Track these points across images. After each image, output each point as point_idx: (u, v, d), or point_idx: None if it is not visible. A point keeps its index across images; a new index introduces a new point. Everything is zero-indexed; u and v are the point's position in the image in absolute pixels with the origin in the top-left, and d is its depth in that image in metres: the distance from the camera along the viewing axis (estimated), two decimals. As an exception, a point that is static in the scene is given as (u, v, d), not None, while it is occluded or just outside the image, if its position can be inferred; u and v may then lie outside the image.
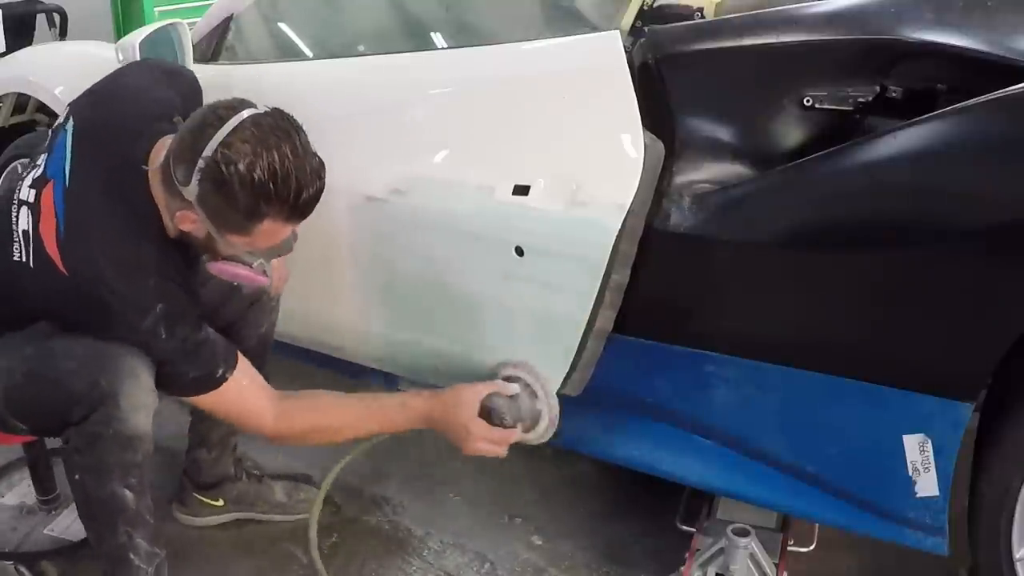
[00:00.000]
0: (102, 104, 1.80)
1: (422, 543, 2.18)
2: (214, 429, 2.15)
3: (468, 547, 2.17)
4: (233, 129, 1.54)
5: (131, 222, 1.67)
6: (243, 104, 1.59)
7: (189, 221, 1.63)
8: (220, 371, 1.72)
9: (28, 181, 1.74)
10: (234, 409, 1.79)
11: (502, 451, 1.89)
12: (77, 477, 1.67)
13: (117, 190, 1.67)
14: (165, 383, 1.70)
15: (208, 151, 1.54)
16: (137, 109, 1.77)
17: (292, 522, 2.22)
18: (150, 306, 1.64)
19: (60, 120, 1.81)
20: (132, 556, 1.71)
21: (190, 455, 2.20)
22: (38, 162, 1.76)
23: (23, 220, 1.70)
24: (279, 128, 1.57)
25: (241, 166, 1.52)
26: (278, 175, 1.53)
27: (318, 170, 1.61)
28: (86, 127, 1.74)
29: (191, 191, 1.57)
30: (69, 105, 1.82)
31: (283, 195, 1.55)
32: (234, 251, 1.71)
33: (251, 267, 1.81)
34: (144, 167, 1.67)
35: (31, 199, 1.71)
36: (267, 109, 1.60)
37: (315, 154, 1.61)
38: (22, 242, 1.69)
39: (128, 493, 1.67)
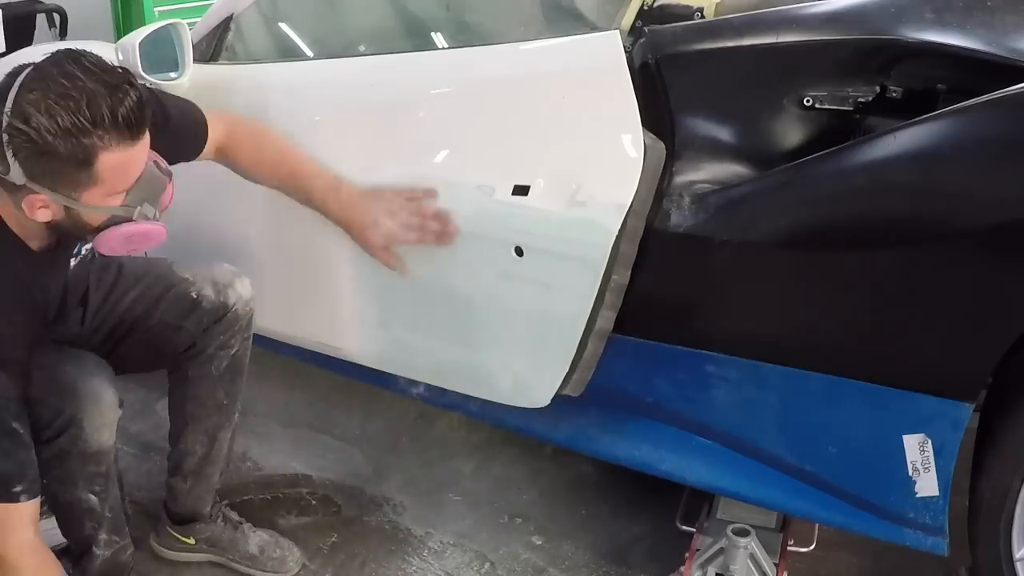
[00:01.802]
0: None
1: (422, 543, 2.18)
2: (187, 457, 2.05)
3: (468, 547, 2.17)
4: (17, 90, 1.43)
5: None
6: (23, 67, 1.47)
7: (39, 205, 1.50)
8: (17, 488, 1.55)
9: None
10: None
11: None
12: (46, 482, 1.70)
13: None
14: None
15: (5, 123, 1.43)
16: None
17: None
18: None
19: None
20: (94, 547, 1.83)
21: (168, 481, 2.12)
22: None
23: None
24: (61, 64, 1.45)
25: (41, 117, 1.41)
26: (81, 103, 1.42)
27: (124, 78, 1.48)
28: None
29: (16, 173, 1.46)
30: None
31: (98, 119, 1.43)
32: (103, 212, 1.56)
33: (135, 220, 1.60)
34: None
35: None
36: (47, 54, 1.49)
37: (115, 67, 1.49)
38: None
39: (93, 498, 1.78)
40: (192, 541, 2.12)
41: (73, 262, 1.81)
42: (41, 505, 1.65)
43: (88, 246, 1.80)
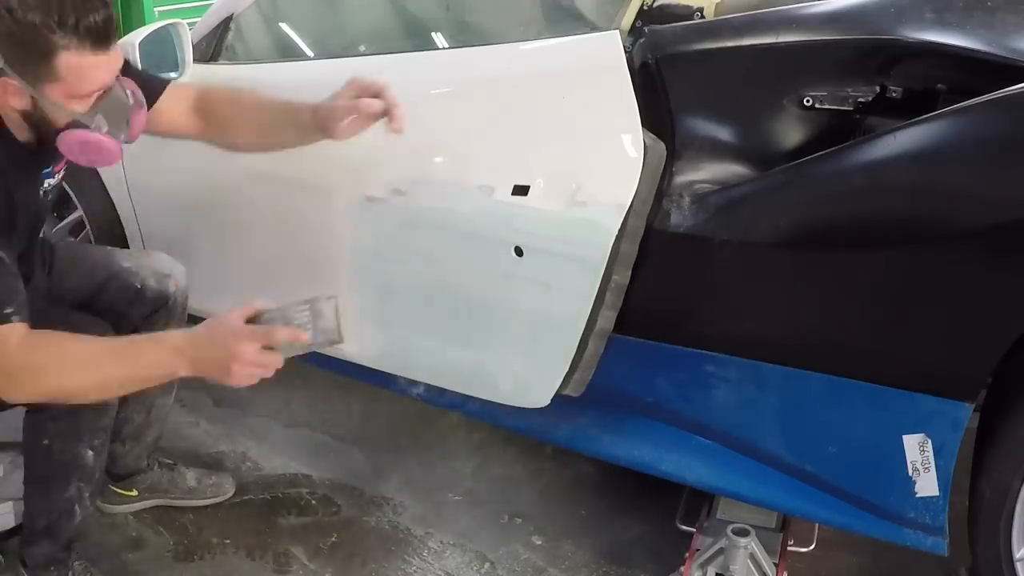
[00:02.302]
0: None
1: (422, 543, 2.18)
2: (127, 423, 2.17)
3: (468, 547, 2.17)
4: None
5: None
6: None
7: (11, 91, 1.59)
8: (8, 310, 1.57)
9: None
10: None
11: (270, 369, 1.57)
12: (46, 442, 1.80)
13: None
14: None
15: None
16: None
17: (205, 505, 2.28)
18: None
19: None
20: (77, 507, 1.90)
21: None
22: None
23: None
24: None
25: (16, 4, 1.51)
26: (53, 2, 1.51)
27: None
28: None
29: None
30: None
31: (64, 19, 1.52)
32: (64, 114, 1.62)
33: (90, 129, 1.65)
34: None
35: None
36: None
37: None
38: None
39: (90, 452, 1.87)
40: (135, 492, 2.26)
41: (42, 189, 1.84)
42: None
43: (52, 181, 1.85)
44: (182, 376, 1.59)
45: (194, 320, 2.01)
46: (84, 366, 1.58)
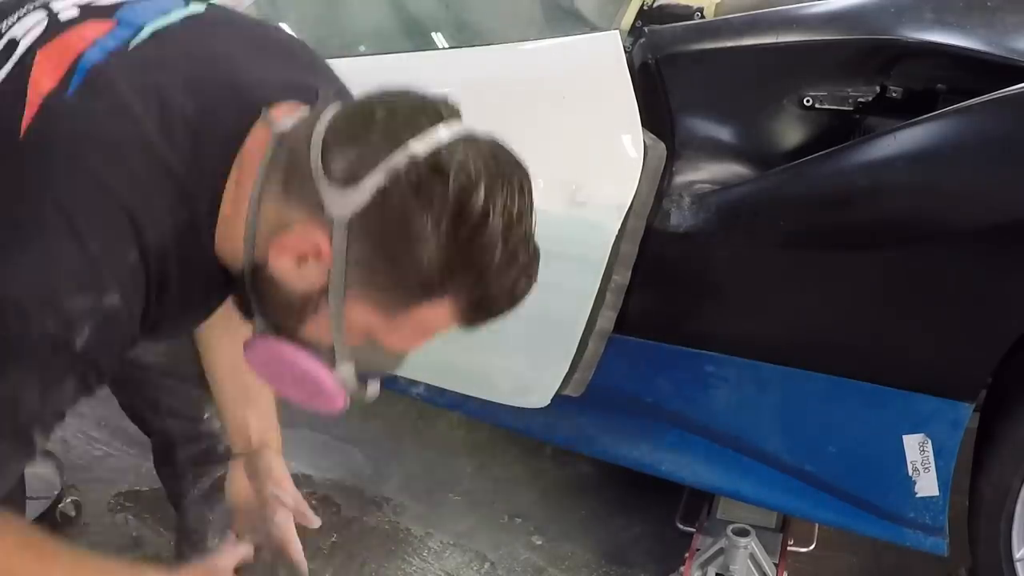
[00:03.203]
0: (244, 20, 1.20)
1: (422, 543, 2.18)
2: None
3: (468, 547, 2.17)
4: (466, 137, 0.96)
5: (177, 176, 0.98)
6: (455, 110, 1.02)
7: (294, 255, 0.95)
8: (36, 430, 1.00)
9: None
10: None
11: None
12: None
13: (186, 112, 0.99)
14: None
15: (421, 146, 0.92)
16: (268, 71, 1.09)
17: None
18: (88, 286, 0.94)
19: None
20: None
21: None
22: None
23: (28, 24, 1.06)
24: (512, 166, 0.99)
25: (474, 193, 0.91)
26: (512, 235, 0.95)
27: (535, 257, 1.03)
28: (215, 20, 1.13)
29: (346, 199, 0.91)
30: None
31: (503, 269, 0.96)
32: (333, 338, 0.99)
33: (328, 367, 1.02)
34: (264, 112, 1.01)
35: (63, 15, 1.07)
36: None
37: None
38: (1, 50, 1.05)
39: None
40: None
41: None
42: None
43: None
44: None
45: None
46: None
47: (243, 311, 1.07)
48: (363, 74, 2.19)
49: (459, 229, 0.91)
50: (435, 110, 0.97)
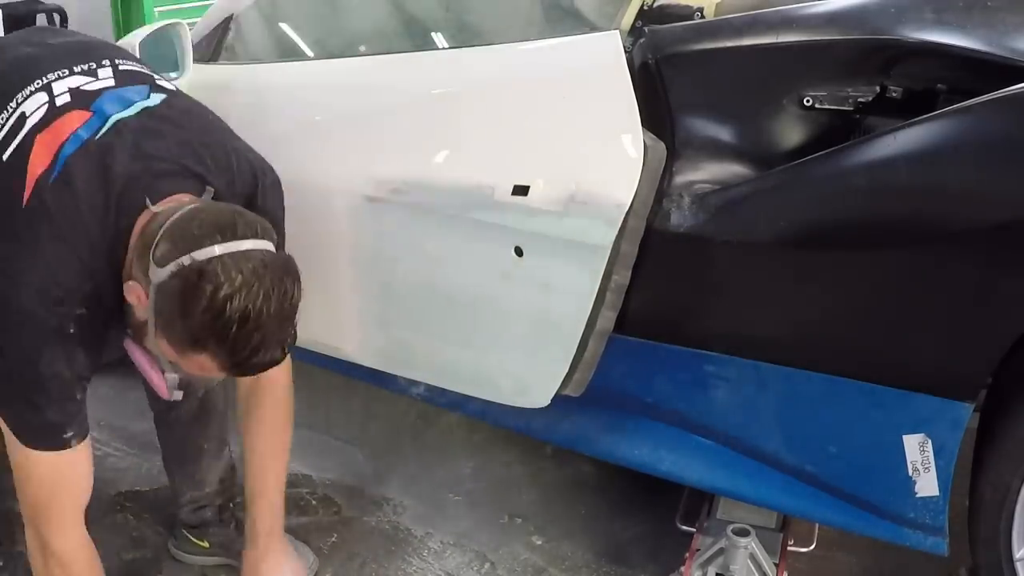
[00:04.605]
0: (188, 115, 1.68)
1: (422, 543, 2.18)
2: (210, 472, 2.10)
3: (468, 547, 2.17)
4: (243, 253, 1.41)
5: (106, 230, 1.52)
6: (266, 232, 1.46)
7: (135, 297, 1.49)
8: (69, 433, 1.57)
9: (72, 80, 1.61)
10: (48, 482, 1.60)
11: None
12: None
13: (118, 194, 1.53)
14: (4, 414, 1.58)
15: (202, 255, 1.39)
16: (197, 146, 1.63)
17: None
18: (53, 311, 1.49)
19: (155, 76, 1.73)
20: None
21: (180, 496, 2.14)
22: (98, 72, 1.64)
23: (33, 106, 1.57)
24: (279, 280, 1.42)
25: (220, 293, 1.37)
26: (247, 326, 1.38)
27: (284, 342, 1.47)
28: (162, 115, 1.63)
29: (157, 274, 1.42)
30: (174, 85, 1.74)
31: (237, 347, 1.40)
32: (157, 352, 1.52)
33: (163, 374, 1.58)
34: (148, 206, 1.52)
35: (59, 100, 1.57)
36: (282, 253, 1.50)
37: (295, 325, 1.48)
38: (14, 123, 1.57)
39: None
40: (206, 544, 2.13)
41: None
42: None
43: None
44: None
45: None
46: None
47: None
48: (363, 74, 2.21)
49: (204, 314, 1.38)
50: (232, 229, 1.42)
